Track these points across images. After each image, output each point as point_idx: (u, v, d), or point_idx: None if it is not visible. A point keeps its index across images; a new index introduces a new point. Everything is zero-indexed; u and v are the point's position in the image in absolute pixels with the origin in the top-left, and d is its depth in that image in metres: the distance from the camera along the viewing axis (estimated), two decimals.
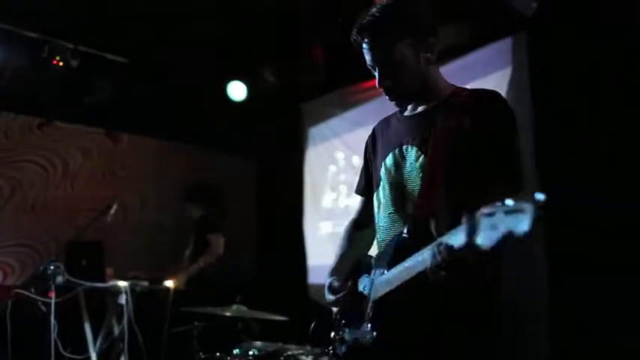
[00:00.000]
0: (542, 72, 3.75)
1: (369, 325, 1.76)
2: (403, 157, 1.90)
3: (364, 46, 1.87)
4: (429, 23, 1.91)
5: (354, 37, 1.88)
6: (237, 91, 5.77)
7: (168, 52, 5.44)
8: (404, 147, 1.91)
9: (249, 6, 4.73)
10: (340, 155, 5.35)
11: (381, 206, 1.98)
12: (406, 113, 2.01)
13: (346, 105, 5.14)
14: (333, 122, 5.42)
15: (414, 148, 1.87)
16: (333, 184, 5.45)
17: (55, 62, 5.13)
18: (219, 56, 5.42)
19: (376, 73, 1.89)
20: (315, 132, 5.83)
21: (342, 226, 2.27)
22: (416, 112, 1.97)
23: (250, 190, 6.73)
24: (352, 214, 2.27)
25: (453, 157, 1.75)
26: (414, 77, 1.87)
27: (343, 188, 5.31)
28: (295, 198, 5.84)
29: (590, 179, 3.42)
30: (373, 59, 1.87)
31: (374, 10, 1.85)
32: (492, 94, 1.85)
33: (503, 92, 3.93)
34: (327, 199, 5.50)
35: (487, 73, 4.12)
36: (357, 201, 2.28)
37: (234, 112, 5.95)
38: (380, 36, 1.83)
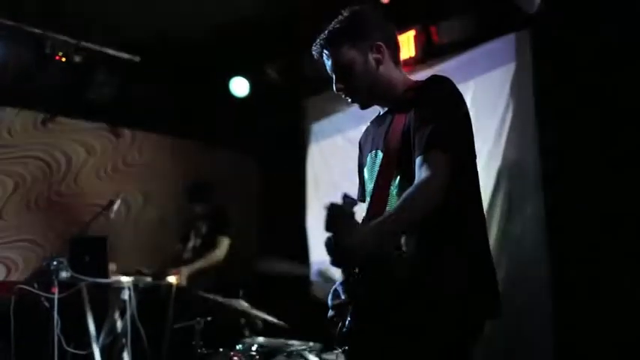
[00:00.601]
0: (546, 68, 3.75)
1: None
2: (374, 163, 2.01)
3: (323, 58, 2.03)
4: (373, 26, 2.01)
5: (314, 53, 2.05)
6: (239, 87, 5.76)
7: (171, 47, 5.44)
8: (374, 151, 2.02)
9: (252, 1, 4.73)
10: (343, 151, 5.35)
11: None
12: (380, 115, 2.10)
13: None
14: (336, 118, 5.41)
15: (380, 152, 1.97)
16: (336, 180, 5.44)
17: (57, 58, 5.13)
18: (222, 52, 5.42)
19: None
20: (317, 128, 5.82)
21: None
22: (381, 114, 2.08)
23: (253, 185, 6.73)
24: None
25: (401, 156, 1.85)
26: (364, 78, 1.98)
27: (346, 185, 5.30)
28: (298, 194, 5.83)
29: (594, 176, 3.41)
30: (328, 68, 2.03)
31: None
32: (431, 81, 1.91)
33: (506, 88, 3.95)
34: (330, 196, 5.48)
35: (490, 69, 4.11)
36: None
37: (237, 108, 5.95)
38: (328, 45, 1.99)
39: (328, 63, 2.01)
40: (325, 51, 2.00)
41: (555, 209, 3.59)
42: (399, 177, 1.87)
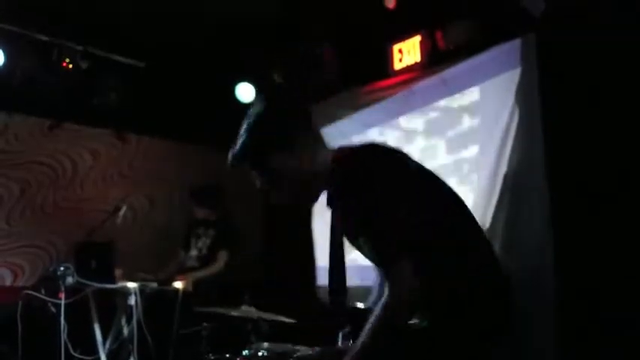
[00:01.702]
0: (552, 72, 3.74)
1: None
2: None
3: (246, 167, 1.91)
4: (290, 121, 1.92)
5: (234, 165, 1.95)
6: (245, 92, 5.78)
7: (177, 53, 5.45)
8: None
9: (258, 7, 4.74)
10: None
11: None
12: None
13: (355, 106, 5.11)
14: (342, 124, 5.40)
15: None
16: None
17: (64, 64, 5.16)
18: (228, 57, 5.43)
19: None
20: (323, 134, 5.81)
21: None
22: None
23: (257, 193, 6.72)
24: None
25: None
26: (305, 176, 1.90)
27: None
28: None
29: (601, 180, 3.40)
30: (258, 180, 1.94)
31: (237, 141, 1.93)
32: (332, 176, 1.84)
33: (512, 93, 3.94)
34: None
35: (496, 74, 4.10)
36: None
37: (243, 113, 5.94)
38: (249, 160, 1.91)
39: (255, 175, 2.04)
40: (250, 163, 2.02)
41: (562, 214, 3.58)
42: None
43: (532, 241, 3.74)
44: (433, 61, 4.50)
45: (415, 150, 4.47)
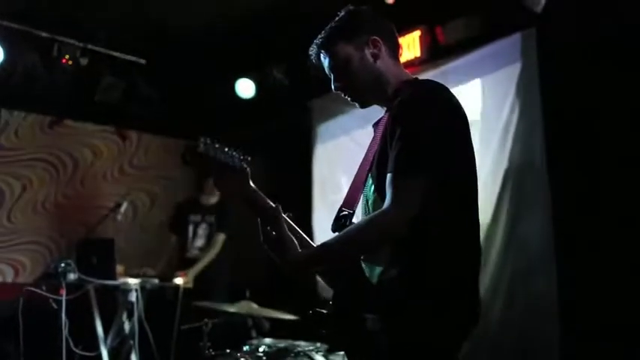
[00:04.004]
0: (552, 67, 3.73)
1: None
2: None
3: (320, 60, 2.00)
4: (369, 22, 1.98)
5: (311, 55, 2.02)
6: (245, 88, 5.77)
7: (176, 49, 5.45)
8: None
9: (259, 1, 4.74)
10: (349, 152, 5.34)
11: None
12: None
13: None
14: (342, 119, 5.40)
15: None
16: (342, 181, 5.44)
17: (64, 61, 5.16)
18: (228, 54, 5.43)
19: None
20: (323, 129, 5.82)
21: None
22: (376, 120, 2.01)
23: (259, 187, 6.72)
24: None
25: (375, 162, 1.81)
26: (362, 74, 1.93)
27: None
28: (304, 195, 5.83)
29: (602, 177, 3.40)
30: (326, 68, 1.99)
31: None
32: (411, 87, 1.84)
33: (512, 88, 3.93)
34: (336, 197, 5.48)
35: (496, 68, 4.10)
36: None
37: (243, 109, 5.95)
38: (322, 46, 1.96)
39: (325, 63, 1.98)
40: (322, 51, 1.97)
41: (563, 212, 3.58)
42: (372, 183, 1.83)
43: (533, 236, 3.74)
44: (433, 55, 4.49)
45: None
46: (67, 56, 5.15)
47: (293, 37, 4.98)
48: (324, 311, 1.75)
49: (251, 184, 1.95)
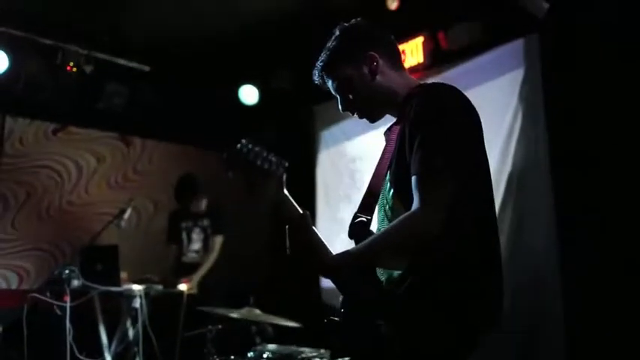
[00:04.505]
0: (555, 73, 3.74)
1: None
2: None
3: (325, 83, 2.05)
4: (363, 39, 2.00)
5: (315, 81, 2.08)
6: (249, 94, 5.79)
7: (180, 56, 5.47)
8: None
9: (261, 9, 4.75)
10: (352, 158, 5.35)
11: None
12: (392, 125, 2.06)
13: None
14: (346, 125, 5.41)
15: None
16: (345, 187, 5.44)
17: (68, 68, 5.18)
18: (231, 60, 5.44)
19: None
20: (327, 135, 5.83)
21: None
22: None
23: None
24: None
25: (392, 167, 1.83)
26: (364, 91, 1.97)
27: (355, 191, 5.30)
28: (308, 201, 5.84)
29: (606, 182, 3.39)
30: (332, 90, 2.05)
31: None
32: (426, 91, 1.86)
33: (515, 93, 3.93)
34: (340, 202, 5.49)
35: (499, 74, 4.10)
36: None
37: (247, 115, 5.97)
38: (323, 70, 2.02)
39: (329, 85, 2.04)
40: (324, 75, 2.03)
41: (566, 217, 3.57)
42: (390, 188, 1.84)
43: (537, 240, 3.73)
44: (436, 61, 4.50)
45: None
46: (71, 63, 5.18)
47: (296, 43, 5.02)
48: (337, 319, 1.75)
49: (284, 190, 1.96)
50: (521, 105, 3.93)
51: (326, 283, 5.36)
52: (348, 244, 1.83)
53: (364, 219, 1.86)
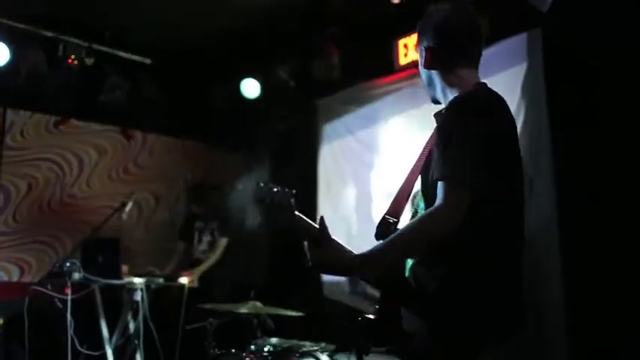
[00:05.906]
0: (558, 67, 3.72)
1: None
2: None
3: None
4: (432, 29, 2.04)
5: None
6: (250, 88, 5.78)
7: (181, 49, 5.46)
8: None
9: (264, 2, 4.74)
10: (354, 152, 5.34)
11: None
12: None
13: (361, 101, 5.11)
14: (348, 119, 5.40)
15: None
16: (347, 181, 5.44)
17: (69, 61, 5.17)
18: (233, 54, 5.43)
19: None
20: (329, 129, 5.82)
21: (355, 223, 2.27)
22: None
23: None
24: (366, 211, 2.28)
25: (423, 167, 1.87)
26: (423, 74, 2.06)
27: (357, 185, 5.30)
28: (309, 195, 5.83)
29: (608, 178, 3.38)
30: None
31: None
32: (451, 105, 1.86)
33: (518, 88, 3.92)
34: (342, 197, 5.49)
35: (502, 69, 4.08)
36: (371, 198, 2.28)
37: (248, 109, 5.96)
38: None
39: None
40: None
41: (569, 212, 3.57)
42: (420, 184, 1.87)
43: (539, 235, 3.72)
44: None
45: (422, 145, 4.46)
46: (72, 56, 5.18)
47: (298, 37, 5.01)
48: (372, 317, 1.80)
49: (296, 213, 2.11)
50: (523, 99, 3.91)
51: (326, 277, 5.36)
52: (349, 240, 1.84)
53: (391, 220, 1.88)
